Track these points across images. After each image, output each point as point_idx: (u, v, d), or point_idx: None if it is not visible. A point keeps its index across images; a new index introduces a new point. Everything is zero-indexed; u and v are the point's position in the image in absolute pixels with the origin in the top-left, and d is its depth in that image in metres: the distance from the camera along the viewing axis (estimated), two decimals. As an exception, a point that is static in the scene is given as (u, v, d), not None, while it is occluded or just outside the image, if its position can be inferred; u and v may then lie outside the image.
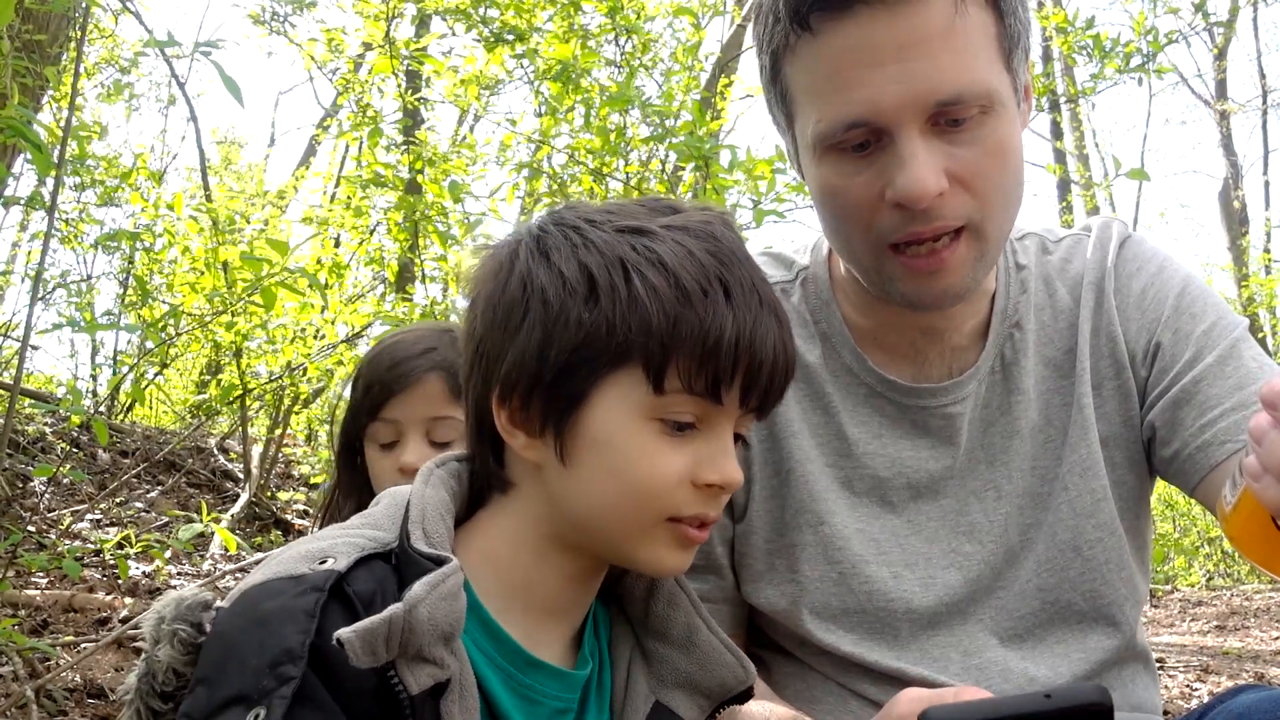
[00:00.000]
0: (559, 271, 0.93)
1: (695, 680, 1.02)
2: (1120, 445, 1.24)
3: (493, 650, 0.94)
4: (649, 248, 0.93)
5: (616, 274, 0.91)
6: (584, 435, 0.93)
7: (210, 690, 0.81)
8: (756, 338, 0.93)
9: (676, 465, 0.92)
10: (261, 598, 0.85)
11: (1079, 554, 1.23)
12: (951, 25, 1.04)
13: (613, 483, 0.92)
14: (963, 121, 1.07)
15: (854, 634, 1.24)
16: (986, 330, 1.27)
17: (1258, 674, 5.16)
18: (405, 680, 0.83)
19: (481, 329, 0.97)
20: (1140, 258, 1.28)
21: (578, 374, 0.92)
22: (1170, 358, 1.21)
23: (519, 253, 0.96)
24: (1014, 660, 1.23)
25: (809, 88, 1.12)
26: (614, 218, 0.96)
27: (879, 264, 1.15)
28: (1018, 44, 1.11)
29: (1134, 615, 1.27)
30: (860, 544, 1.25)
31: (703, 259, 0.93)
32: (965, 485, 1.26)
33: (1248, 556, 0.78)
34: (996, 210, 1.12)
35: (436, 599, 0.84)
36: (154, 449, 5.81)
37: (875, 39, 1.04)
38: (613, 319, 0.90)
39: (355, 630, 0.80)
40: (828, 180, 1.13)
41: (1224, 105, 15.61)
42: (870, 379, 1.27)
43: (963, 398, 1.25)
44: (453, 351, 1.66)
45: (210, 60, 2.64)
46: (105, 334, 7.53)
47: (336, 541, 0.91)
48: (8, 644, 2.63)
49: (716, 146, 4.13)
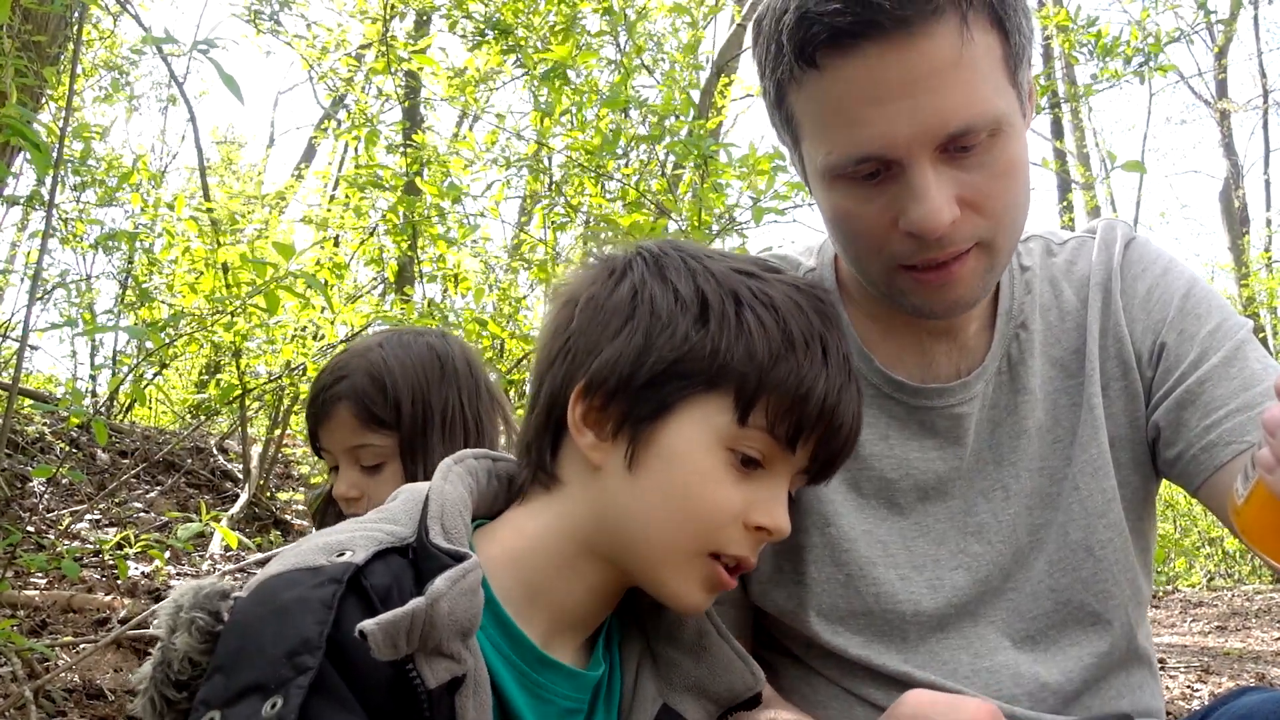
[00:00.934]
0: (674, 288, 0.97)
1: (704, 685, 1.03)
2: (1126, 446, 1.24)
3: (507, 647, 0.94)
4: (763, 290, 0.98)
5: (729, 302, 0.96)
6: (658, 446, 0.95)
7: (228, 678, 0.81)
8: (843, 402, 0.98)
9: (736, 499, 0.95)
10: (280, 588, 0.85)
11: (1091, 554, 1.23)
12: (960, 56, 1.02)
13: (672, 498, 0.94)
14: (972, 148, 1.06)
15: (861, 636, 1.24)
16: (992, 330, 1.27)
17: (1258, 674, 5.16)
18: (423, 674, 0.84)
19: (579, 325, 1.00)
20: (1145, 259, 1.28)
21: (669, 385, 0.95)
22: (1175, 358, 1.21)
23: (634, 265, 1.01)
24: (1025, 663, 1.22)
25: (816, 119, 1.11)
26: (729, 259, 1.03)
27: (890, 280, 1.15)
28: (1022, 58, 1.11)
29: (1137, 617, 1.27)
30: (867, 546, 1.24)
31: (810, 314, 0.99)
32: (973, 486, 1.26)
33: (1259, 549, 0.78)
34: (1007, 225, 1.12)
35: (457, 594, 0.85)
36: (153, 449, 5.80)
37: (884, 75, 1.02)
38: (718, 342, 0.94)
39: (378, 622, 0.81)
40: (839, 205, 1.13)
41: (1224, 105, 15.60)
42: (877, 380, 1.26)
43: (970, 398, 1.25)
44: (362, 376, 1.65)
45: (208, 58, 2.64)
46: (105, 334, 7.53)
47: (355, 535, 0.92)
48: (7, 644, 2.62)
49: (716, 145, 4.12)
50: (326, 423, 1.68)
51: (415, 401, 1.64)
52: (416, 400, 1.65)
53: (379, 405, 1.63)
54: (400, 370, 1.66)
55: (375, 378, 1.65)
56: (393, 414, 1.63)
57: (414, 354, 1.69)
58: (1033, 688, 1.21)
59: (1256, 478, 0.82)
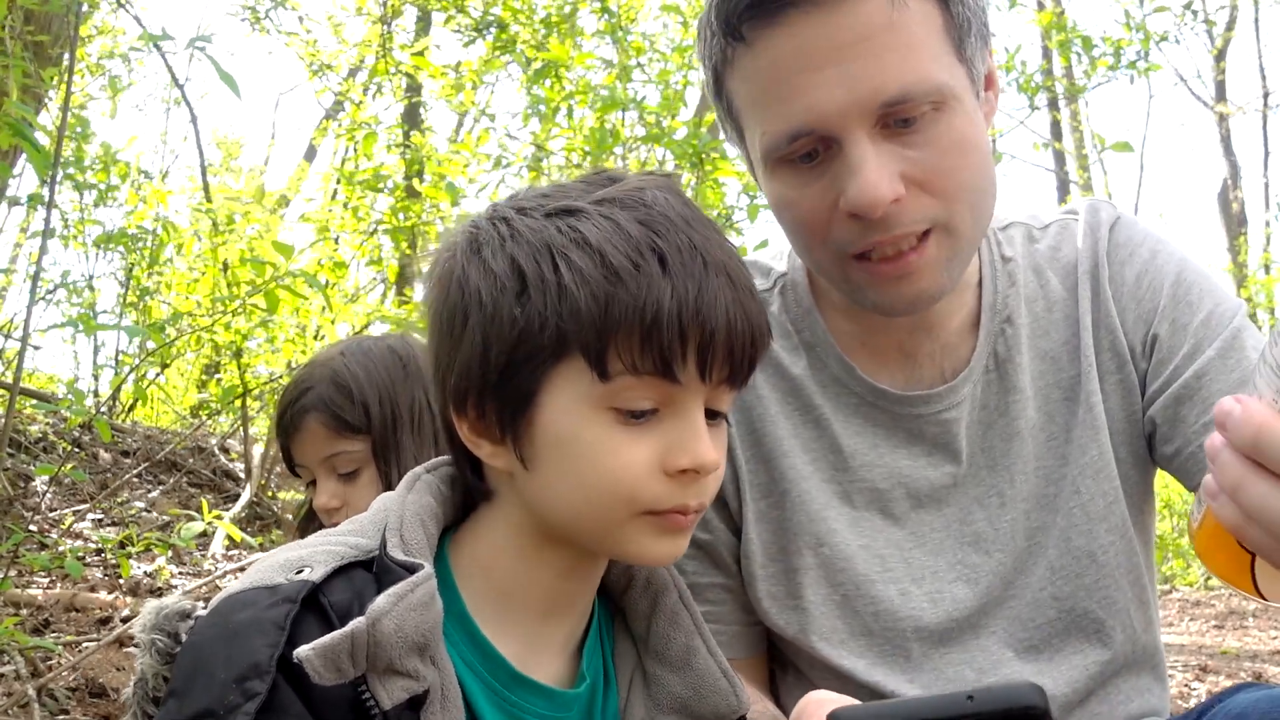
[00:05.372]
0: (490, 269, 0.89)
1: (688, 705, 0.99)
2: (1124, 441, 1.21)
3: (479, 665, 0.92)
4: (574, 228, 0.87)
5: (544, 263, 0.87)
6: (541, 435, 0.89)
7: (180, 703, 0.81)
8: (703, 304, 0.86)
9: (640, 456, 0.87)
10: (234, 609, 0.84)
11: (1094, 560, 1.19)
12: (890, 21, 0.99)
13: (577, 481, 0.88)
14: (914, 121, 1.02)
15: (865, 659, 1.21)
16: (976, 325, 1.22)
17: (1256, 673, 5.16)
18: (377, 695, 0.82)
19: (434, 344, 0.95)
20: (1132, 242, 1.23)
21: (521, 373, 0.88)
22: (1168, 350, 1.17)
23: (456, 257, 0.93)
24: (1029, 675, 1.18)
25: (750, 100, 1.09)
26: (547, 201, 0.92)
27: (844, 274, 1.11)
28: (969, 31, 1.06)
29: (1141, 619, 1.23)
30: (864, 562, 1.21)
31: (632, 230, 0.87)
32: (968, 492, 1.22)
33: (1214, 573, 0.77)
34: (965, 207, 1.07)
35: (405, 610, 0.82)
36: (155, 449, 5.80)
37: (811, 43, 1.00)
38: (544, 311, 0.86)
39: (313, 648, 0.79)
40: (780, 194, 1.10)
41: (1223, 107, 15.61)
42: (860, 388, 1.23)
43: (957, 402, 1.21)
44: (327, 385, 1.67)
45: (206, 55, 2.65)
46: (107, 334, 7.53)
47: (316, 550, 0.90)
48: (10, 643, 2.63)
49: (712, 143, 4.12)
50: (298, 436, 1.70)
51: (383, 403, 1.67)
52: (384, 402, 1.67)
53: (348, 411, 1.66)
54: (365, 374, 1.68)
55: (341, 385, 1.67)
56: (362, 418, 1.66)
57: (375, 357, 1.71)
58: None
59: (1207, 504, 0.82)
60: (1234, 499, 0.65)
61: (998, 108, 1.18)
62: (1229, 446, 0.65)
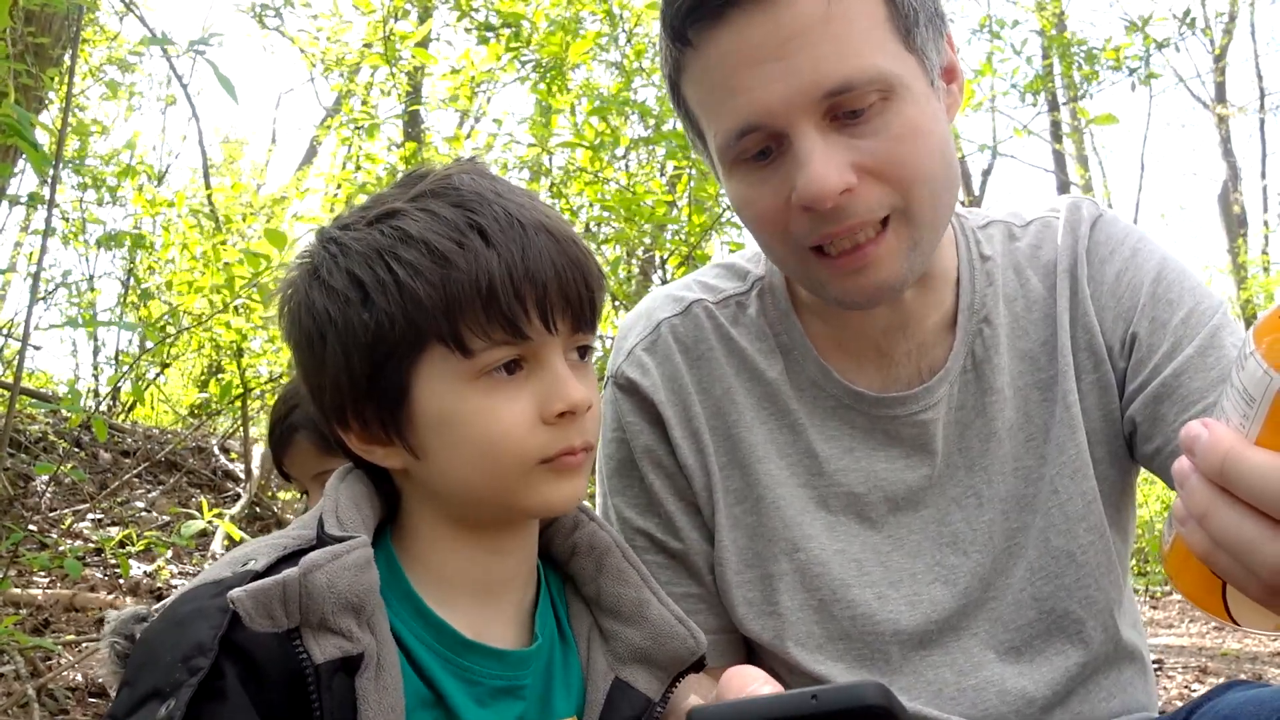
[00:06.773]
0: (331, 288, 0.94)
1: (649, 654, 1.02)
2: (1102, 441, 1.20)
3: (429, 636, 0.95)
4: (397, 227, 0.93)
5: (378, 266, 0.92)
6: (424, 423, 0.93)
7: (132, 689, 0.84)
8: (530, 264, 0.91)
9: (518, 413, 0.92)
10: (181, 604, 0.88)
11: (1073, 560, 1.19)
12: (828, 12, 1.01)
13: (470, 452, 0.93)
14: (862, 111, 1.03)
15: (843, 663, 1.20)
16: (954, 325, 1.22)
17: (1255, 674, 5.16)
18: (309, 648, 0.85)
19: (302, 373, 0.99)
20: (1113, 240, 1.23)
21: (386, 372, 0.92)
22: (1147, 349, 1.16)
23: (298, 287, 0.98)
24: (1010, 676, 1.19)
25: (701, 102, 1.10)
26: (367, 211, 0.97)
27: (805, 269, 1.12)
28: (916, 21, 1.06)
29: (1120, 615, 1.23)
30: (840, 567, 1.20)
31: (449, 215, 0.92)
32: (945, 494, 1.21)
33: (1187, 598, 0.75)
34: (922, 195, 1.07)
35: (338, 568, 0.87)
36: (155, 449, 5.81)
37: (752, 40, 1.02)
38: (390, 310, 0.90)
39: (245, 590, 0.84)
40: (738, 193, 1.11)
41: (1223, 109, 15.61)
42: (837, 391, 1.22)
43: (934, 403, 1.20)
44: None
45: (205, 58, 2.66)
46: (107, 334, 7.55)
47: (262, 545, 0.94)
48: (10, 643, 2.64)
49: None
50: (289, 451, 1.72)
51: None
52: None
53: None
54: None
55: None
56: None
57: None
58: (1020, 704, 1.18)
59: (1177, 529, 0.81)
60: (1203, 525, 0.63)
61: (1000, 109, 1.20)
62: (1196, 472, 0.63)
